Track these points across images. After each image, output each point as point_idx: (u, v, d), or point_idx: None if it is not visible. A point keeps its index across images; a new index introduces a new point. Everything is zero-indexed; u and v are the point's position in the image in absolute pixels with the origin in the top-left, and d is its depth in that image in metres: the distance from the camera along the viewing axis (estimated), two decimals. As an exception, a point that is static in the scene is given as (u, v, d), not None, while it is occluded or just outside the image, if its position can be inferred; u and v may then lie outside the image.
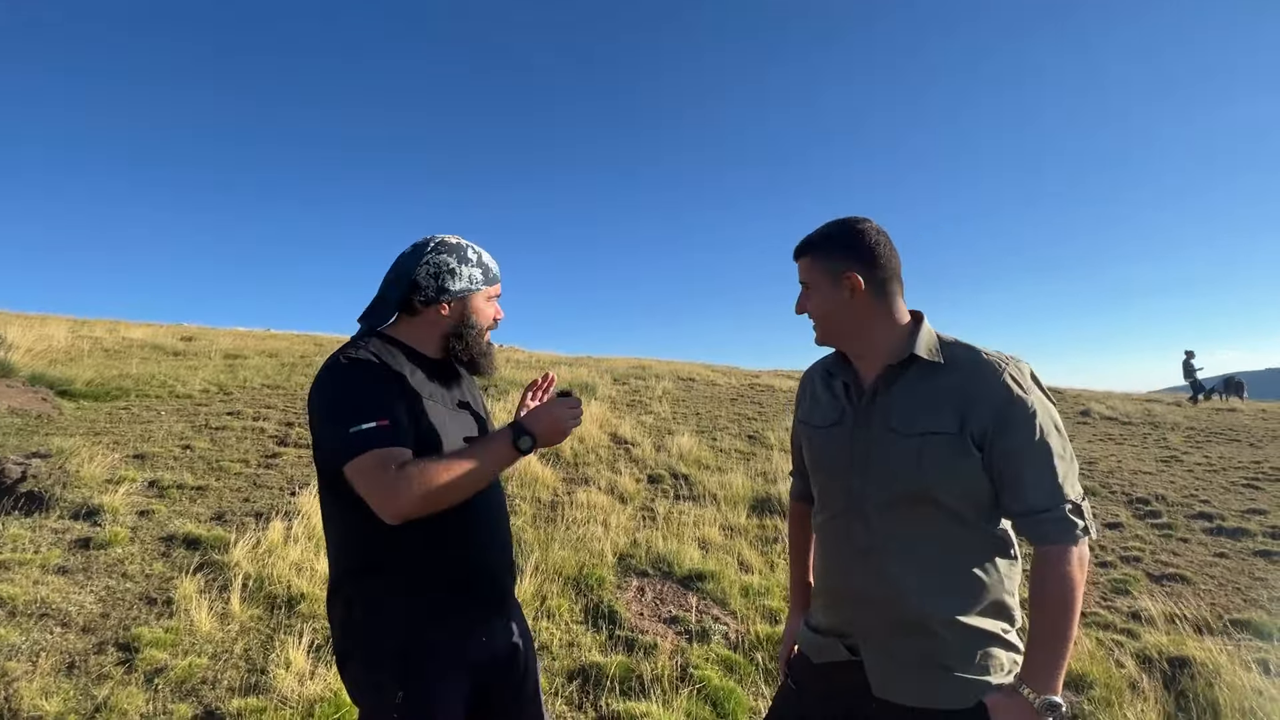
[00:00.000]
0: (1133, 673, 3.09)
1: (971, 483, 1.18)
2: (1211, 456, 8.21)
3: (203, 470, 4.78)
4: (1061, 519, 1.14)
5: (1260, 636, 3.60)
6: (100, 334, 11.42)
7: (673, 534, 4.44)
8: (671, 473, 5.89)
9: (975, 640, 1.20)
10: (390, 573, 1.32)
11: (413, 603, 1.32)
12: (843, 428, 1.31)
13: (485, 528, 1.42)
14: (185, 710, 2.46)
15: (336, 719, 2.48)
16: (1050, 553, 1.14)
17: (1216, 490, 6.63)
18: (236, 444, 5.43)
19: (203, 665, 2.72)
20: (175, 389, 7.16)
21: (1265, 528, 5.47)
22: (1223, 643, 3.40)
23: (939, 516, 1.20)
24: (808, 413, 1.42)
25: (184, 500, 4.25)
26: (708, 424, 8.11)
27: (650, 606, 3.58)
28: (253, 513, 4.14)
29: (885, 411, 1.25)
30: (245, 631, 3.00)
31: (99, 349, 9.78)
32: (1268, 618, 3.85)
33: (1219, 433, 9.98)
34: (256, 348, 11.40)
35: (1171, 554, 4.96)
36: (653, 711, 2.63)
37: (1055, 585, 1.13)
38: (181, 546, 3.64)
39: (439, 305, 1.43)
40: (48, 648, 2.72)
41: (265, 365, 9.39)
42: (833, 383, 1.38)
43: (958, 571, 1.21)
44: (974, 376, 1.20)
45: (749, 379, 12.92)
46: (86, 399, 6.54)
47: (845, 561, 1.31)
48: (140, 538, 3.68)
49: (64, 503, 3.88)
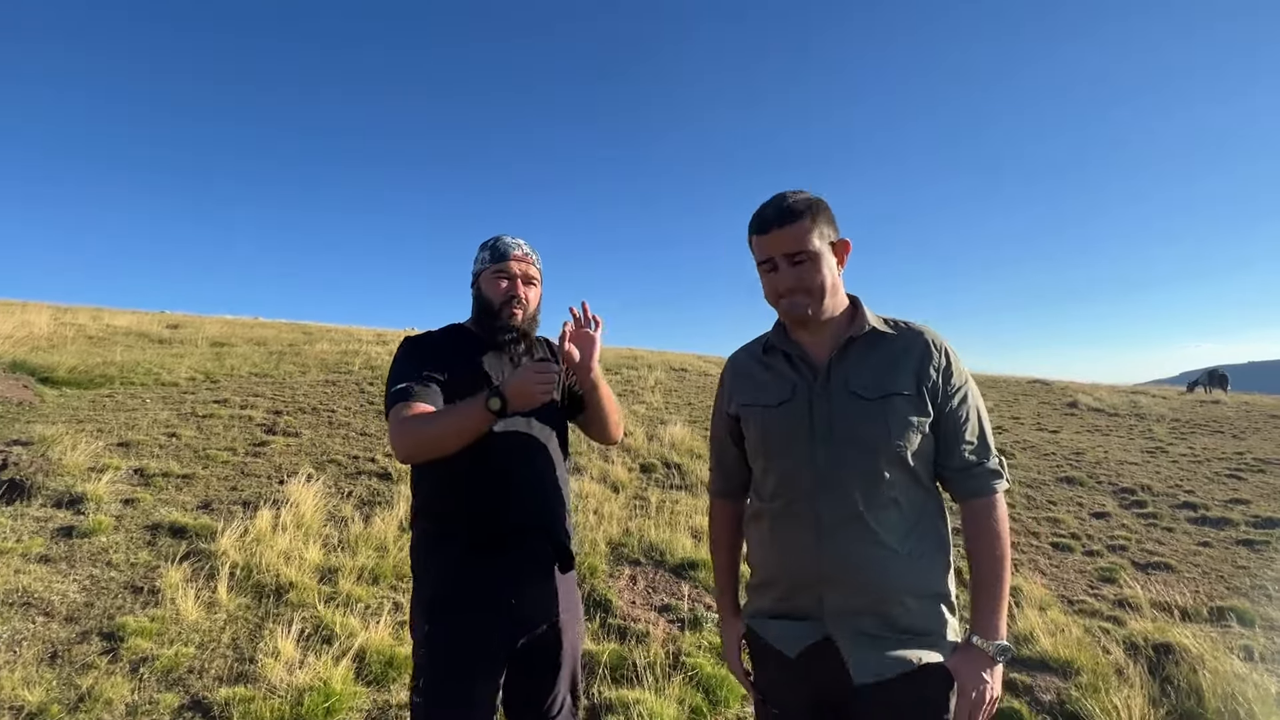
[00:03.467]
0: (1119, 659, 3.12)
1: (926, 440, 1.24)
2: (1195, 447, 8.32)
3: (189, 458, 4.71)
4: (993, 470, 1.24)
5: (1243, 623, 3.65)
6: (84, 321, 11.23)
7: (665, 523, 4.43)
8: (664, 462, 5.88)
9: (934, 601, 1.24)
10: (429, 520, 1.52)
11: (443, 550, 1.48)
12: (797, 402, 1.28)
13: (508, 492, 1.50)
14: (171, 699, 2.43)
15: (326, 707, 2.45)
16: (984, 505, 1.23)
17: (1201, 480, 6.72)
18: (224, 432, 5.36)
19: (189, 654, 2.69)
20: (161, 377, 7.06)
21: (1248, 517, 5.55)
22: (1207, 630, 3.45)
23: (902, 480, 1.22)
24: (750, 396, 1.36)
25: (170, 489, 4.19)
26: (700, 414, 8.11)
27: (642, 595, 3.57)
28: (240, 501, 4.09)
29: (845, 378, 1.26)
30: (233, 620, 2.96)
31: (82, 336, 9.62)
32: (1250, 605, 3.91)
33: (1202, 424, 10.12)
34: (244, 336, 11.27)
35: (1157, 543, 5.03)
36: (645, 699, 2.63)
37: (993, 536, 1.21)
38: (167, 535, 3.59)
39: (473, 289, 1.65)
40: (29, 637, 2.67)
41: (253, 354, 9.27)
42: (771, 360, 1.35)
43: (923, 540, 1.23)
44: (920, 343, 1.28)
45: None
46: (69, 386, 6.43)
47: (809, 542, 1.24)
48: (125, 526, 3.63)
49: (46, 491, 3.82)
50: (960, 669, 1.20)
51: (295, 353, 9.70)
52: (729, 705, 2.73)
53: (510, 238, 1.63)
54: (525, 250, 1.63)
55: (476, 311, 1.64)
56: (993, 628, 1.19)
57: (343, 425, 5.92)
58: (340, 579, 3.32)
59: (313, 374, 8.15)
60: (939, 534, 1.27)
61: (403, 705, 2.54)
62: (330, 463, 4.93)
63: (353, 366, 8.70)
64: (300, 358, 9.26)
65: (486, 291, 1.60)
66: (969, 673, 1.19)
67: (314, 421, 5.94)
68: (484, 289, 1.61)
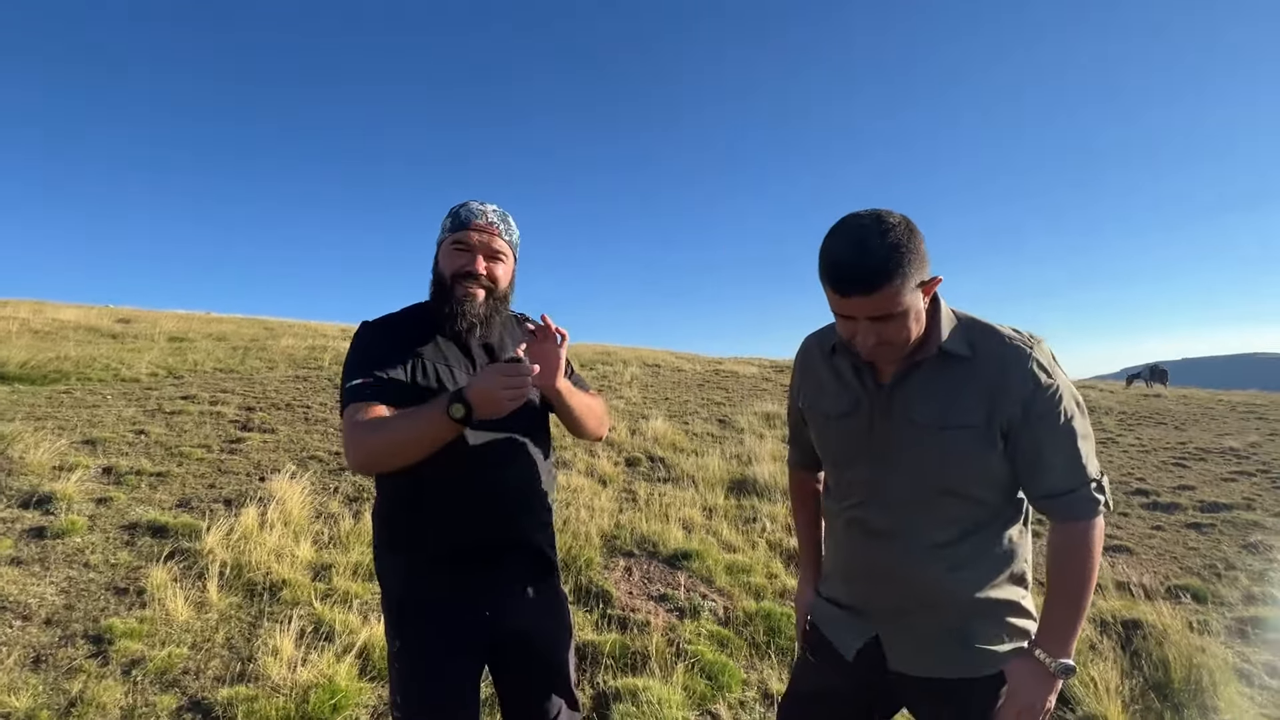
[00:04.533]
0: (1092, 635, 3.31)
1: (994, 472, 1.16)
2: (1143, 438, 8.80)
3: (161, 456, 4.53)
4: (1086, 498, 1.14)
5: (1198, 600, 3.91)
6: (25, 315, 10.62)
7: (654, 515, 4.48)
8: (648, 456, 5.93)
9: (994, 611, 1.21)
10: (392, 528, 1.40)
11: (406, 560, 1.37)
12: (859, 417, 1.23)
13: (472, 505, 1.35)
14: (169, 701, 2.36)
15: (332, 704, 2.42)
16: (1074, 528, 1.14)
17: (1150, 469, 7.13)
18: (195, 429, 5.17)
19: (183, 655, 2.61)
20: (120, 372, 6.75)
21: (1195, 502, 5.92)
22: (1167, 607, 3.69)
23: (962, 503, 1.19)
24: (814, 399, 1.32)
25: (144, 487, 4.03)
26: (678, 409, 8.19)
27: (639, 586, 3.61)
28: (221, 499, 3.96)
29: (906, 403, 1.18)
30: (226, 620, 2.88)
31: (27, 330, 9.11)
32: (1202, 583, 4.18)
33: (1147, 416, 10.71)
34: (203, 331, 10.84)
35: (1115, 527, 5.32)
36: (652, 686, 2.67)
37: (1078, 558, 1.15)
38: (147, 535, 3.45)
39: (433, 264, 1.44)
40: (9, 641, 2.55)
41: (215, 349, 8.94)
42: (837, 363, 1.28)
43: (978, 549, 1.20)
44: (1000, 367, 1.14)
45: (712, 365, 13.07)
46: (21, 382, 6.09)
47: (862, 546, 1.27)
48: (100, 526, 3.48)
49: (10, 491, 3.63)
50: (1016, 673, 1.17)
51: (260, 348, 9.39)
52: (731, 690, 2.79)
53: (479, 203, 1.40)
54: (491, 218, 1.39)
55: (432, 287, 1.41)
56: (1059, 644, 1.15)
57: (320, 421, 5.78)
58: (334, 576, 3.26)
59: (281, 369, 7.90)
60: (1004, 541, 1.22)
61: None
62: (312, 459, 4.81)
63: (322, 362, 8.47)
64: (266, 353, 8.97)
65: (442, 264, 1.38)
66: (1023, 680, 1.16)
67: (289, 418, 5.77)
68: (440, 262, 1.39)
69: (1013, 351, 1.15)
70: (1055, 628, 1.16)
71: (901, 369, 1.19)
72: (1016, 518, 1.24)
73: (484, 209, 1.40)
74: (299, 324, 13.90)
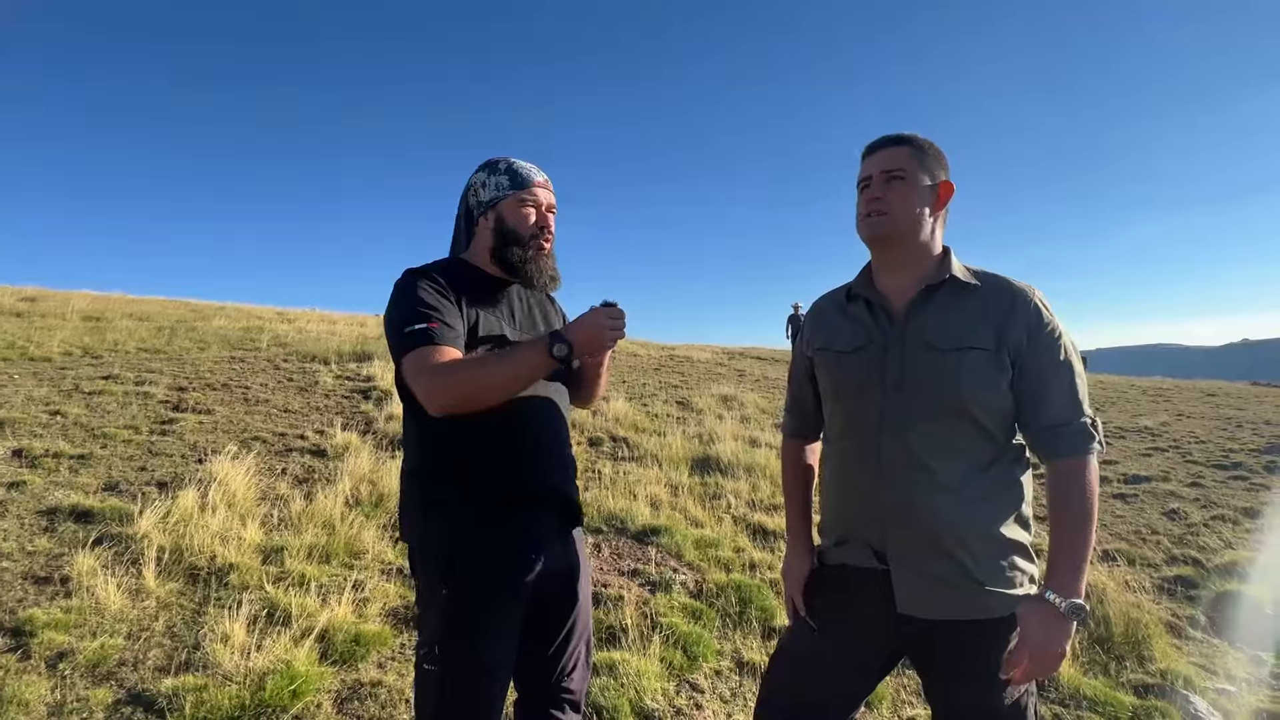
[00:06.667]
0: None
1: (1002, 398, 1.22)
2: (1070, 419, 9.40)
3: (82, 438, 4.14)
4: (1081, 431, 1.20)
5: (1129, 563, 4.19)
6: (-91, 290, 9.53)
7: (620, 493, 4.44)
8: (611, 436, 5.87)
9: (1004, 552, 1.23)
10: (445, 480, 1.37)
11: (463, 511, 1.36)
12: (872, 349, 1.30)
13: (538, 450, 1.40)
14: (104, 695, 2.15)
15: (291, 691, 2.26)
16: (1071, 465, 1.19)
17: (1078, 446, 7.62)
18: (120, 410, 4.75)
19: (118, 646, 2.38)
20: (28, 351, 6.14)
21: (1119, 475, 6.36)
22: (1105, 568, 3.93)
23: (970, 431, 1.22)
24: (827, 339, 1.39)
25: (63, 470, 3.67)
26: (637, 391, 8.15)
27: (609, 561, 3.57)
28: (154, 482, 3.66)
29: (920, 330, 1.25)
30: (165, 607, 2.65)
31: (-88, 306, 8.18)
32: (1130, 547, 4.49)
33: (1072, 400, 11.45)
34: (121, 311, 10.01)
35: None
36: (629, 659, 2.63)
37: (1078, 495, 1.18)
38: (69, 519, 3.14)
39: (483, 220, 1.46)
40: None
41: (137, 329, 8.27)
42: (852, 308, 1.37)
43: (989, 485, 1.23)
44: (1007, 298, 1.24)
45: (666, 350, 13.11)
46: (-93, 361, 5.45)
47: (873, 482, 1.28)
48: (13, 512, 3.14)
49: (-98, 475, 3.23)
50: (1027, 618, 1.18)
51: (189, 328, 8.77)
52: (707, 660, 2.79)
53: (524, 162, 1.46)
54: (546, 177, 1.48)
55: (497, 244, 1.45)
56: (1069, 585, 1.16)
57: (261, 402, 5.42)
58: (287, 558, 3.06)
59: (214, 350, 7.39)
60: (1010, 481, 1.26)
61: (375, 683, 2.39)
62: (255, 440, 4.50)
63: (260, 343, 7.97)
64: (196, 333, 8.38)
65: (511, 222, 1.43)
66: (1035, 624, 1.16)
67: (227, 398, 5.40)
68: (507, 219, 1.43)
69: (1019, 289, 1.26)
70: (1063, 568, 1.18)
71: (914, 297, 1.27)
72: (1021, 458, 1.29)
73: (532, 167, 1.46)
74: (230, 306, 13.06)
